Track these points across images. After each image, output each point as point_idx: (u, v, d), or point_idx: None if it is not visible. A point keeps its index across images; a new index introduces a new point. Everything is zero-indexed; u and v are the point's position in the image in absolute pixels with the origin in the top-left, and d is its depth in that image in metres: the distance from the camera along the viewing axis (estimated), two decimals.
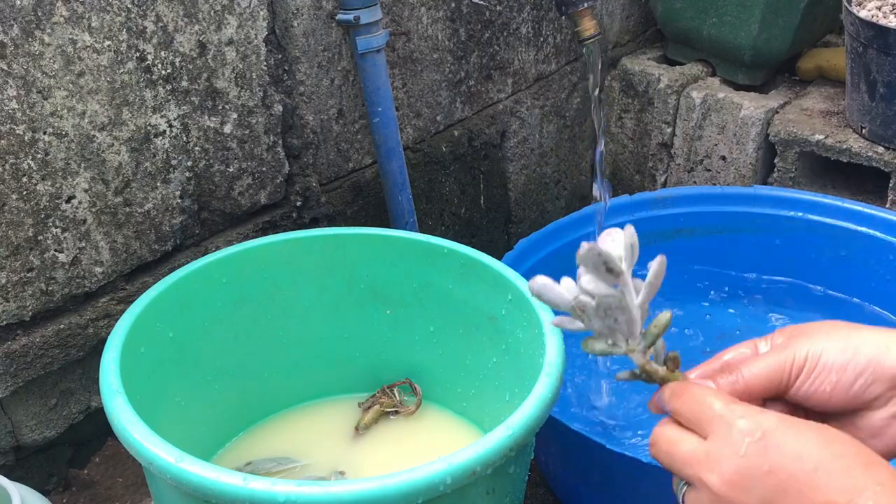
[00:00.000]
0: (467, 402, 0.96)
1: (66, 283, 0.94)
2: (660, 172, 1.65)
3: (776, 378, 0.56)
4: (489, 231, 1.48)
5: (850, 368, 0.54)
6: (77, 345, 0.97)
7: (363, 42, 1.09)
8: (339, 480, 0.84)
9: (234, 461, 0.92)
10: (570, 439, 0.93)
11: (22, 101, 0.85)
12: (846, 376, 0.54)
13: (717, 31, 1.56)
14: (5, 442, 0.96)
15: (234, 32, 1.00)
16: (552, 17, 1.46)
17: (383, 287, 0.95)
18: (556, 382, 0.72)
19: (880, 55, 1.33)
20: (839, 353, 0.55)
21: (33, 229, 0.90)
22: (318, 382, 0.99)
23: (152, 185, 0.98)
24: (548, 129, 1.54)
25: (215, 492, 0.61)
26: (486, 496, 0.69)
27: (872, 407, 0.55)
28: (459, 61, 1.31)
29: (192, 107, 0.99)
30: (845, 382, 0.54)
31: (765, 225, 1.30)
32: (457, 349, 0.94)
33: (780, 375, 0.56)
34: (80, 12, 0.87)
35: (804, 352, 0.55)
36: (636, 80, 1.61)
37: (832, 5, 1.57)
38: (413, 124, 1.28)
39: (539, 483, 1.11)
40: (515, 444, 0.66)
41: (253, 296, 0.92)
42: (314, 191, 1.14)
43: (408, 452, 0.93)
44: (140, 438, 0.66)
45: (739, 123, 1.51)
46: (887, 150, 1.39)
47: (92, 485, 1.04)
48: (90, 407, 1.02)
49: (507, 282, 0.85)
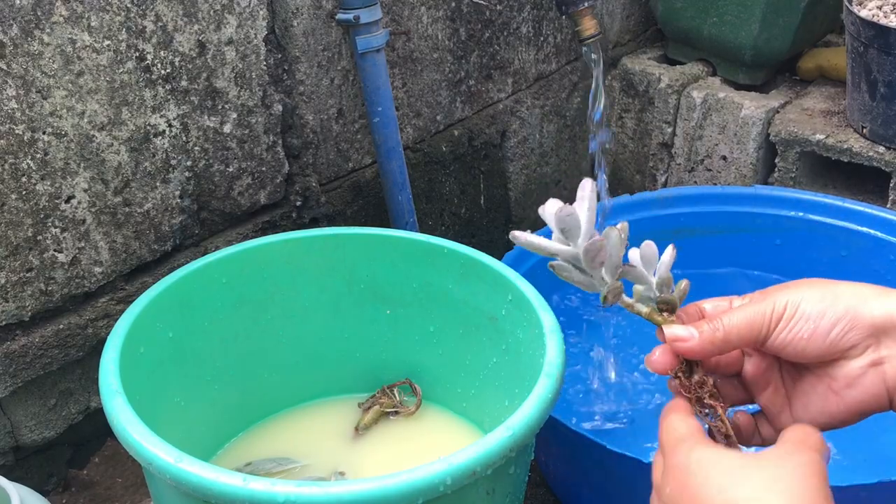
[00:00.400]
0: (467, 403, 0.96)
1: (65, 283, 0.94)
2: (660, 172, 1.64)
3: (756, 326, 0.57)
4: (489, 231, 1.48)
5: (827, 315, 0.55)
6: (76, 345, 0.97)
7: (363, 42, 1.09)
8: (339, 481, 0.84)
9: (234, 461, 0.92)
10: (570, 440, 0.93)
11: (21, 101, 0.85)
12: (824, 323, 0.55)
13: (717, 31, 1.56)
14: (4, 442, 0.96)
15: (234, 32, 1.00)
16: (552, 16, 1.46)
17: (383, 287, 0.94)
18: (556, 383, 0.72)
19: (881, 55, 1.32)
20: (818, 301, 0.56)
21: (32, 229, 0.90)
22: (318, 382, 0.99)
23: (152, 184, 0.98)
24: (548, 128, 1.54)
25: (215, 492, 0.61)
26: (487, 496, 0.69)
27: (849, 356, 0.56)
28: (459, 61, 1.31)
29: (191, 106, 0.99)
30: (823, 329, 0.55)
31: (765, 225, 1.30)
32: (457, 349, 0.94)
33: (759, 324, 0.57)
34: (80, 12, 0.86)
35: (784, 301, 0.56)
36: (636, 79, 1.61)
37: (833, 5, 1.56)
38: (413, 124, 1.28)
39: (539, 483, 1.11)
40: (516, 445, 0.66)
41: (253, 296, 0.91)
42: (314, 191, 1.14)
43: (408, 453, 0.93)
44: (139, 438, 0.66)
45: (740, 123, 1.51)
46: (888, 149, 1.39)
47: (91, 485, 1.04)
48: (89, 407, 1.02)
49: (507, 282, 0.85)
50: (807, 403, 0.59)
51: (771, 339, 0.57)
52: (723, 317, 0.58)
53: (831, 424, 0.58)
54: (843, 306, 0.55)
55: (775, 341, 0.57)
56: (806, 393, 0.59)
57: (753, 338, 0.57)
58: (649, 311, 0.61)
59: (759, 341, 0.57)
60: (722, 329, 0.57)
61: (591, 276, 0.60)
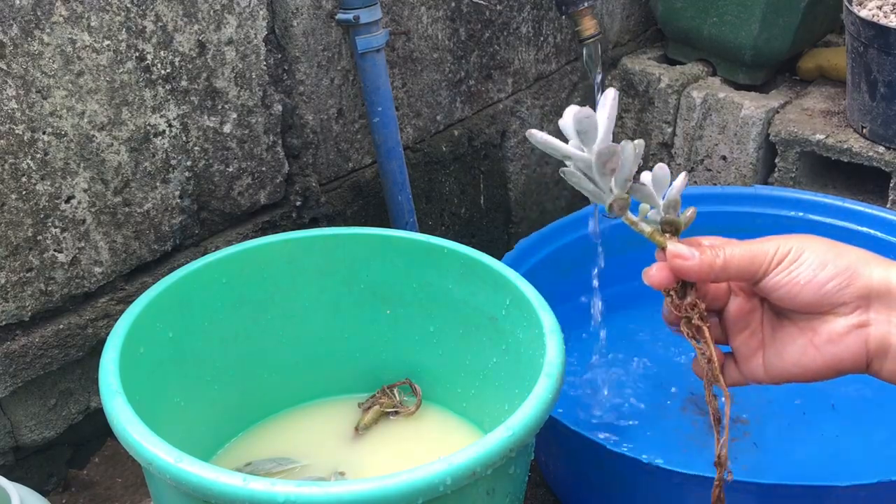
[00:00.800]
0: (467, 403, 0.96)
1: (65, 283, 0.94)
2: None
3: (757, 262, 0.58)
4: (489, 231, 1.48)
5: (828, 267, 0.57)
6: (76, 345, 0.97)
7: (363, 42, 1.09)
8: (339, 481, 0.84)
9: (234, 461, 0.92)
10: (570, 440, 0.93)
11: (21, 101, 0.85)
12: (823, 274, 0.57)
13: (717, 31, 1.56)
14: (4, 442, 0.96)
15: (234, 32, 1.00)
16: (552, 16, 1.46)
17: (383, 287, 0.94)
18: (556, 383, 0.72)
19: (881, 55, 1.32)
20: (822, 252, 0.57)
21: (32, 229, 0.90)
22: (318, 382, 0.99)
23: (152, 184, 0.98)
24: (548, 128, 1.54)
25: (215, 492, 0.61)
26: (487, 497, 0.69)
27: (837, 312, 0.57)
28: (459, 61, 1.31)
29: (191, 106, 0.99)
30: (820, 280, 0.57)
31: (765, 225, 1.30)
32: (457, 349, 0.94)
33: (760, 260, 0.58)
34: (80, 12, 0.86)
35: (788, 245, 0.58)
36: (636, 79, 1.61)
37: (833, 5, 1.56)
38: (413, 124, 1.28)
39: (539, 483, 1.11)
40: (516, 445, 0.66)
41: (252, 296, 0.91)
42: (314, 191, 1.14)
43: (408, 453, 0.93)
44: (139, 439, 0.66)
45: (740, 123, 1.51)
46: (888, 149, 1.39)
47: (91, 485, 1.04)
48: (89, 407, 1.02)
49: (507, 282, 0.85)
50: (781, 352, 0.59)
51: (767, 277, 0.58)
52: (725, 247, 0.59)
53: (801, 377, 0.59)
54: (846, 262, 0.57)
55: (770, 281, 0.58)
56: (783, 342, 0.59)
57: (752, 273, 0.58)
58: (652, 231, 0.61)
59: (755, 278, 0.58)
60: (722, 256, 0.58)
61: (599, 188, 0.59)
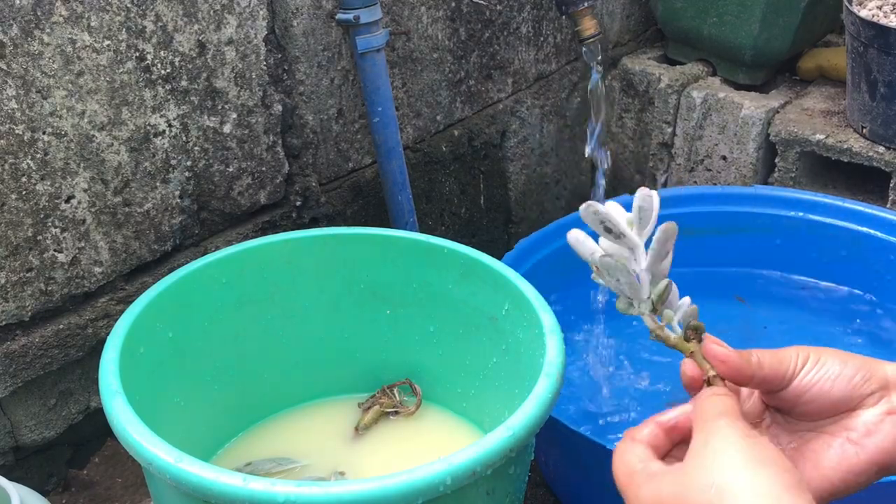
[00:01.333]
0: (467, 403, 0.96)
1: (65, 283, 0.94)
2: (660, 172, 1.64)
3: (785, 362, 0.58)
4: (489, 231, 1.48)
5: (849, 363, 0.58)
6: (76, 345, 0.97)
7: (363, 41, 1.08)
8: (339, 481, 0.84)
9: (234, 461, 0.92)
10: (570, 440, 0.93)
11: (21, 101, 0.85)
12: (847, 369, 0.58)
13: (717, 31, 1.56)
14: (4, 442, 0.96)
15: (234, 32, 1.00)
16: (552, 16, 1.46)
17: (383, 287, 0.94)
18: (556, 383, 0.72)
19: (881, 55, 1.32)
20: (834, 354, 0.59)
21: (32, 229, 0.90)
22: (318, 382, 0.99)
23: (152, 184, 0.98)
24: (548, 128, 1.54)
25: (215, 492, 0.61)
26: (486, 497, 0.69)
27: (866, 404, 0.58)
28: (459, 61, 1.31)
29: (191, 106, 0.99)
30: (847, 374, 0.58)
31: (765, 225, 1.30)
32: (457, 349, 0.94)
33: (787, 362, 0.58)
34: (80, 12, 0.86)
35: (807, 351, 0.59)
36: (636, 79, 1.61)
37: (833, 5, 1.56)
38: (413, 124, 1.28)
39: (539, 483, 1.11)
40: (516, 445, 0.66)
41: (252, 296, 0.91)
42: (314, 191, 1.14)
43: (408, 453, 0.93)
44: (139, 439, 0.66)
45: (740, 123, 1.51)
46: (888, 149, 1.39)
47: (91, 485, 1.04)
48: (89, 407, 1.02)
49: (507, 282, 0.85)
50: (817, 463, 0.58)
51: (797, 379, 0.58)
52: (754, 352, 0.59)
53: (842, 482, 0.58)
54: (860, 359, 0.59)
55: (801, 382, 0.58)
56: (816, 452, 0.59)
57: (781, 374, 0.58)
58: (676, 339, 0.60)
59: (784, 380, 0.58)
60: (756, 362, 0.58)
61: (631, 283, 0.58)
